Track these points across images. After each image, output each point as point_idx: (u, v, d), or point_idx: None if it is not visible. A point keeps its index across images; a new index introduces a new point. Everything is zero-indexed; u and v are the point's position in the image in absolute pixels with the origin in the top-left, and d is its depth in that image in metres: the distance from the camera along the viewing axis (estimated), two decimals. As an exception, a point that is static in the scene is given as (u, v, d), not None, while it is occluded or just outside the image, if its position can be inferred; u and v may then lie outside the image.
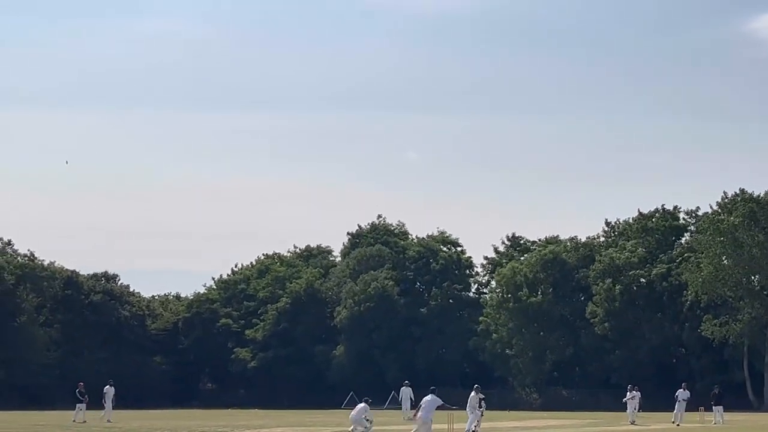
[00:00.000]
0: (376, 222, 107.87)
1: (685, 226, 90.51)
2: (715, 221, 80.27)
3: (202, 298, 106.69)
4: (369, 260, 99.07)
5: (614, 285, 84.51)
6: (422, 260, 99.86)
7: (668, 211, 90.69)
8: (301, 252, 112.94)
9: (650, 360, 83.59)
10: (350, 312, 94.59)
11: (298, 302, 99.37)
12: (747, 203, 79.16)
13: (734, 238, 77.88)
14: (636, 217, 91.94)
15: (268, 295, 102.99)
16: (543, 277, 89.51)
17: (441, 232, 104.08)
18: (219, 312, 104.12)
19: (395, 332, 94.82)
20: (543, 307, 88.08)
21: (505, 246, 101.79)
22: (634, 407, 53.79)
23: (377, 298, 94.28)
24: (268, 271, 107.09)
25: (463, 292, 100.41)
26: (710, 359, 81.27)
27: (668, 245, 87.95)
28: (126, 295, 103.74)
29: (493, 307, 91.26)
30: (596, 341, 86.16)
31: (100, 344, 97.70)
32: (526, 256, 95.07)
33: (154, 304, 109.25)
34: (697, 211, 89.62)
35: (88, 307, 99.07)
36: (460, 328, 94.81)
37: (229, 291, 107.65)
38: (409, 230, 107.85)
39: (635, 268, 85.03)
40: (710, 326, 78.97)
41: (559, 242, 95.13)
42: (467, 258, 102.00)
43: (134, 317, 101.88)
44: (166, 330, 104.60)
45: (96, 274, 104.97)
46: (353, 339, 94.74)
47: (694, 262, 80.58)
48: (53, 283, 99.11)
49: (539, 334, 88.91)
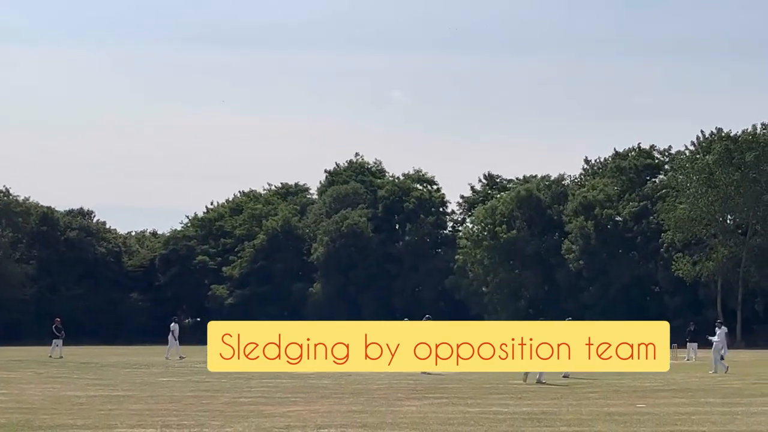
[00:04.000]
0: (353, 160, 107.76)
1: (659, 165, 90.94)
2: (692, 160, 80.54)
3: (179, 235, 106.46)
4: (345, 198, 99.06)
5: (587, 222, 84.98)
6: (396, 198, 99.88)
7: (643, 150, 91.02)
8: (278, 189, 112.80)
9: (623, 297, 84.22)
10: (326, 249, 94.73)
11: (274, 240, 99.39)
12: (723, 142, 79.32)
13: (710, 177, 78.14)
14: (612, 156, 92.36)
15: (245, 232, 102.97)
16: (518, 215, 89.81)
17: (417, 171, 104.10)
18: (196, 249, 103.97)
19: (371, 270, 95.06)
20: (518, 244, 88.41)
21: (482, 184, 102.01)
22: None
23: (352, 235, 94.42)
24: (243, 209, 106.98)
25: (438, 230, 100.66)
26: (684, 297, 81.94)
27: (643, 184, 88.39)
28: (102, 232, 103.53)
29: (469, 245, 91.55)
30: (570, 278, 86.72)
31: (76, 280, 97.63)
32: (501, 194, 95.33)
33: (131, 240, 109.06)
34: (670, 150, 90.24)
35: (64, 243, 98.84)
36: (436, 266, 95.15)
37: (205, 228, 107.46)
38: (386, 168, 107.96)
39: (608, 206, 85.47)
40: (684, 265, 79.57)
41: (535, 180, 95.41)
42: (441, 196, 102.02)
43: (110, 254, 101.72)
44: (143, 267, 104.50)
45: (72, 210, 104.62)
46: (330, 276, 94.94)
47: (669, 201, 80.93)
48: (29, 219, 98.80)
49: (514, 272, 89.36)
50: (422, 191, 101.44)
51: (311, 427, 17.71)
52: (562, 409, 21.57)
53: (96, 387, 29.04)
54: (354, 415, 20.07)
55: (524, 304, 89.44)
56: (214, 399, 24.31)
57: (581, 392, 26.66)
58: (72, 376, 35.40)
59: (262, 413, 20.33)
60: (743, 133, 79.70)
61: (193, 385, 29.66)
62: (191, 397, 25.06)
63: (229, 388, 28.50)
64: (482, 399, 24.30)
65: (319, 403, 23.15)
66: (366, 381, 31.75)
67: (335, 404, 22.69)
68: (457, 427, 17.85)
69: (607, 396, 25.37)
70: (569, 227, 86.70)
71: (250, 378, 33.65)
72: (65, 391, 27.00)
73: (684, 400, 24.00)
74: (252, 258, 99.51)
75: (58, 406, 22.27)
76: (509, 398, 24.52)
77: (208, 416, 19.72)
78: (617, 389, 27.88)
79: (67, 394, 26.10)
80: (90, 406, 22.08)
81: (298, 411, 20.87)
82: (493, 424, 18.35)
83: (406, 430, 17.31)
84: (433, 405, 22.53)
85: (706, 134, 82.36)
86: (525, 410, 21.14)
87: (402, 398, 24.54)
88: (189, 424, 18.12)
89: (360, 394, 26.01)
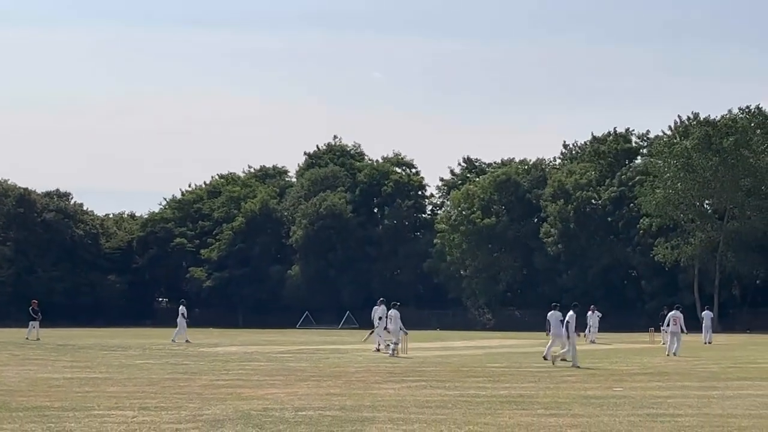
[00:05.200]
0: (332, 143, 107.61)
1: (637, 149, 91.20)
2: (670, 144, 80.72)
3: (157, 218, 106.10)
4: (324, 181, 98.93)
5: (566, 206, 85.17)
6: (375, 181, 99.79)
7: (620, 134, 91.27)
8: (256, 172, 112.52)
9: (601, 281, 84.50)
10: (305, 232, 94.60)
11: (253, 222, 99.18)
12: (702, 127, 79.48)
13: (688, 162, 78.30)
14: (590, 140, 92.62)
15: (223, 215, 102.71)
16: (496, 199, 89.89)
17: (396, 154, 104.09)
18: (174, 231, 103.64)
19: (350, 253, 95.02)
20: (496, 228, 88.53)
21: (461, 168, 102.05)
22: (589, 327, 54.66)
23: (331, 218, 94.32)
24: (221, 192, 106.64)
25: (417, 213, 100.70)
26: (661, 282, 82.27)
27: (621, 168, 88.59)
28: (80, 214, 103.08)
29: (447, 228, 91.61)
30: (549, 262, 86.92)
31: (53, 262, 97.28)
32: (477, 178, 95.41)
33: (108, 222, 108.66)
34: (648, 134, 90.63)
35: (41, 225, 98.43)
36: (415, 250, 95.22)
37: (183, 211, 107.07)
38: (365, 152, 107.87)
39: (586, 189, 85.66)
40: (662, 249, 79.88)
41: (513, 164, 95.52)
42: (419, 179, 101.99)
43: (88, 236, 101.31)
44: (121, 249, 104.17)
45: (49, 192, 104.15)
46: (308, 259, 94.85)
47: (647, 186, 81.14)
48: (6, 201, 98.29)
49: (493, 256, 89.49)
50: (401, 174, 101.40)
51: (289, 409, 17.69)
52: (540, 392, 21.62)
53: (73, 369, 28.94)
54: (332, 397, 20.06)
55: (502, 288, 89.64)
56: (192, 381, 24.25)
57: (558, 376, 26.73)
58: (49, 358, 35.27)
59: (240, 396, 20.29)
60: (722, 118, 79.89)
61: (170, 368, 29.58)
62: (169, 379, 24.99)
63: (206, 370, 28.44)
64: (460, 382, 24.33)
65: (297, 385, 23.13)
66: (344, 364, 31.75)
67: (313, 387, 22.67)
68: (435, 409, 17.86)
69: (584, 379, 25.44)
70: (548, 211, 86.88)
71: (228, 360, 33.61)
72: (42, 373, 26.89)
73: (660, 384, 24.09)
74: (230, 240, 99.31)
75: (35, 387, 22.17)
76: (487, 381, 24.56)
77: (185, 399, 19.67)
78: (594, 373, 27.97)
79: (43, 376, 25.99)
80: (67, 388, 21.99)
81: (276, 394, 20.84)
82: (471, 407, 18.37)
83: (384, 412, 17.31)
84: (411, 388, 22.54)
85: (684, 119, 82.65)
86: (502, 393, 21.18)
87: (380, 381, 24.54)
88: (166, 407, 18.07)
89: (338, 377, 26.00)
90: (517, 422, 16.10)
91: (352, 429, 15.17)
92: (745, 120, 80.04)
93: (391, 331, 38.44)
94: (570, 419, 16.60)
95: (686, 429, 15.45)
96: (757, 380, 25.44)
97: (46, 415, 16.75)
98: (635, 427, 15.66)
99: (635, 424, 16.01)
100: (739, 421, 16.50)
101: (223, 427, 15.27)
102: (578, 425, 15.79)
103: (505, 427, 15.53)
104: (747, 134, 78.96)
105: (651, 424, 16.05)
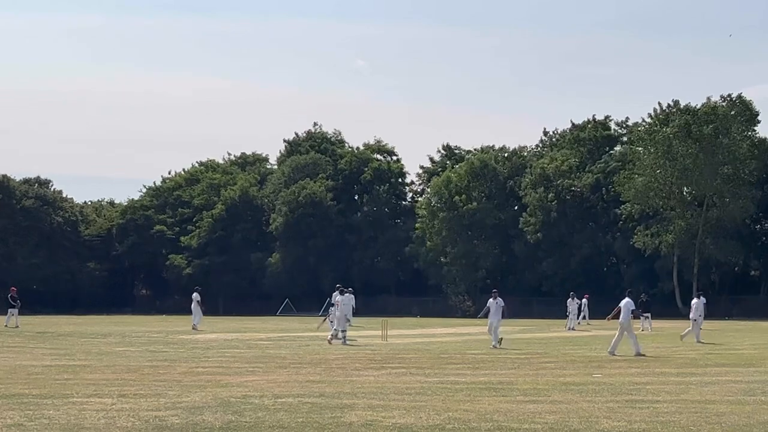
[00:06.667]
0: (312, 130, 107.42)
1: (616, 136, 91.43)
2: (650, 132, 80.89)
3: (136, 205, 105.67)
4: (304, 168, 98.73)
5: (546, 194, 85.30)
6: (355, 168, 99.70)
7: (599, 121, 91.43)
8: (236, 159, 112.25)
9: (582, 269, 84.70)
10: (285, 219, 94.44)
11: (233, 210, 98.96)
12: (683, 114, 79.68)
13: (668, 150, 78.47)
14: (570, 128, 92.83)
15: (203, 202, 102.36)
16: (476, 186, 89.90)
17: (377, 141, 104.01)
18: (153, 219, 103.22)
19: (330, 240, 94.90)
20: (476, 215, 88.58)
21: (441, 155, 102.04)
22: (571, 314, 54.87)
23: (311, 205, 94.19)
24: (201, 179, 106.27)
25: (397, 200, 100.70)
26: (641, 269, 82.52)
27: (600, 156, 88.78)
28: (59, 201, 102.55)
29: (427, 215, 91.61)
30: (529, 250, 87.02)
31: (32, 249, 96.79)
32: (456, 165, 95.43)
33: (88, 210, 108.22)
34: (627, 122, 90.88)
35: (20, 212, 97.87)
36: (395, 237, 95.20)
37: (162, 198, 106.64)
38: (346, 139, 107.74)
39: (567, 177, 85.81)
40: (642, 237, 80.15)
41: (493, 152, 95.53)
42: (400, 166, 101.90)
43: (67, 223, 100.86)
44: (100, 236, 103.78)
45: (28, 179, 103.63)
46: (288, 246, 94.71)
47: (627, 173, 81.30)
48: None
49: (472, 243, 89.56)
50: (381, 162, 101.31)
51: (269, 396, 17.69)
52: (519, 378, 21.69)
53: (52, 357, 28.87)
54: (312, 384, 20.08)
55: (483, 275, 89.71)
56: (172, 369, 24.23)
57: (537, 362, 26.82)
58: (28, 345, 35.17)
59: (220, 383, 20.29)
60: (703, 106, 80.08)
61: (150, 355, 29.54)
62: (148, 367, 24.96)
63: (186, 358, 28.41)
64: (440, 369, 24.39)
65: (277, 373, 23.13)
66: (324, 351, 31.77)
67: (293, 374, 22.68)
68: (415, 396, 17.90)
69: (563, 366, 25.53)
70: (528, 199, 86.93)
71: (208, 348, 33.59)
72: (21, 361, 26.81)
73: (639, 370, 24.20)
74: (210, 228, 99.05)
75: (14, 375, 22.10)
76: (466, 368, 24.63)
77: (165, 386, 19.65)
78: (573, 359, 28.08)
79: (22, 363, 25.92)
80: (46, 376, 21.94)
81: (256, 381, 20.84)
82: (450, 393, 18.42)
83: (364, 399, 17.34)
84: (391, 375, 22.57)
85: (664, 107, 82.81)
86: (482, 380, 21.24)
87: (360, 368, 24.57)
88: (146, 394, 18.05)
89: (318, 364, 26.02)
90: (496, 408, 16.15)
91: (331, 416, 15.19)
92: (725, 108, 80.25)
93: (337, 318, 36.29)
94: (549, 405, 16.66)
95: (664, 415, 15.53)
96: (735, 366, 25.60)
97: (24, 402, 16.71)
98: (614, 413, 15.73)
99: (614, 410, 16.09)
100: (717, 407, 16.59)
101: (202, 414, 15.26)
102: (557, 411, 15.85)
103: (485, 413, 15.57)
104: (727, 122, 79.18)
105: (629, 410, 16.13)
